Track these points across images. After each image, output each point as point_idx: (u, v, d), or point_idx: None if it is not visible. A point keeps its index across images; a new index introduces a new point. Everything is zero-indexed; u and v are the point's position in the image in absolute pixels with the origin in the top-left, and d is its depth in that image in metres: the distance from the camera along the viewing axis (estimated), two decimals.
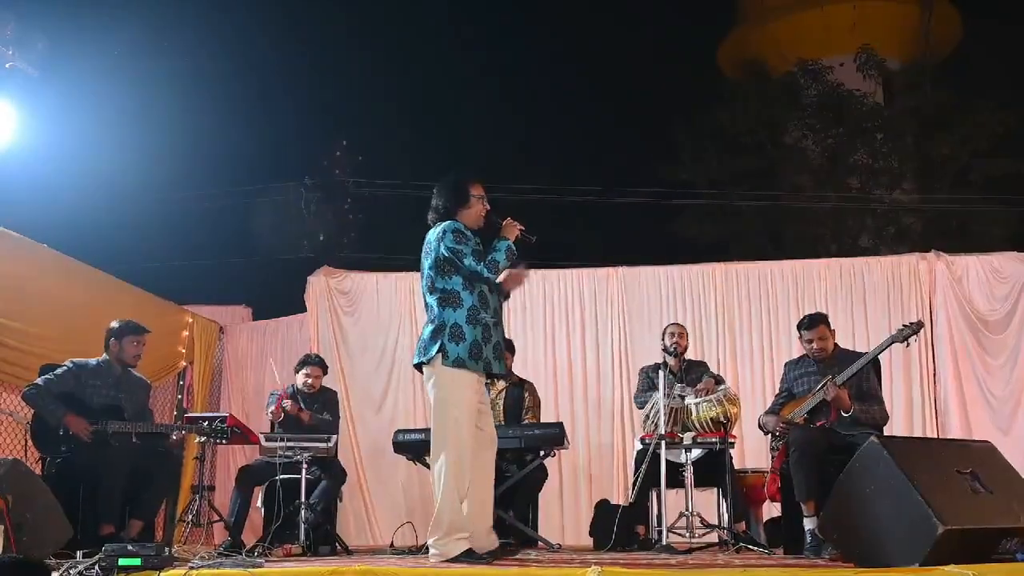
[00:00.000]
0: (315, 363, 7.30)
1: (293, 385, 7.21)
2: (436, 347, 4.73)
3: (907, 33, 25.23)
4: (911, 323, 5.92)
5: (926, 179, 20.17)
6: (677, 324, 7.29)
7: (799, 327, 6.19)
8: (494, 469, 5.00)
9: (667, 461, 6.02)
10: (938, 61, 23.52)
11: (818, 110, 20.38)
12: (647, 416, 6.77)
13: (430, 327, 4.82)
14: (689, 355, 7.24)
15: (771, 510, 6.95)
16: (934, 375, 8.43)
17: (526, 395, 7.28)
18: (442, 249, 4.81)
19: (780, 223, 19.82)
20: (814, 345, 6.02)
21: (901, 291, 8.62)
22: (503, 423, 6.98)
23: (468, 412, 4.75)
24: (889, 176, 20.20)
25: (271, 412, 6.86)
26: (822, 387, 5.78)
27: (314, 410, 7.07)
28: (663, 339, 7.13)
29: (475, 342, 4.73)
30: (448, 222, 4.88)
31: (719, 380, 6.84)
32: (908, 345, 6.00)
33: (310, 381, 7.19)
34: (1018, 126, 18.61)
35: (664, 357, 7.02)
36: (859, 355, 5.91)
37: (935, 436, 8.11)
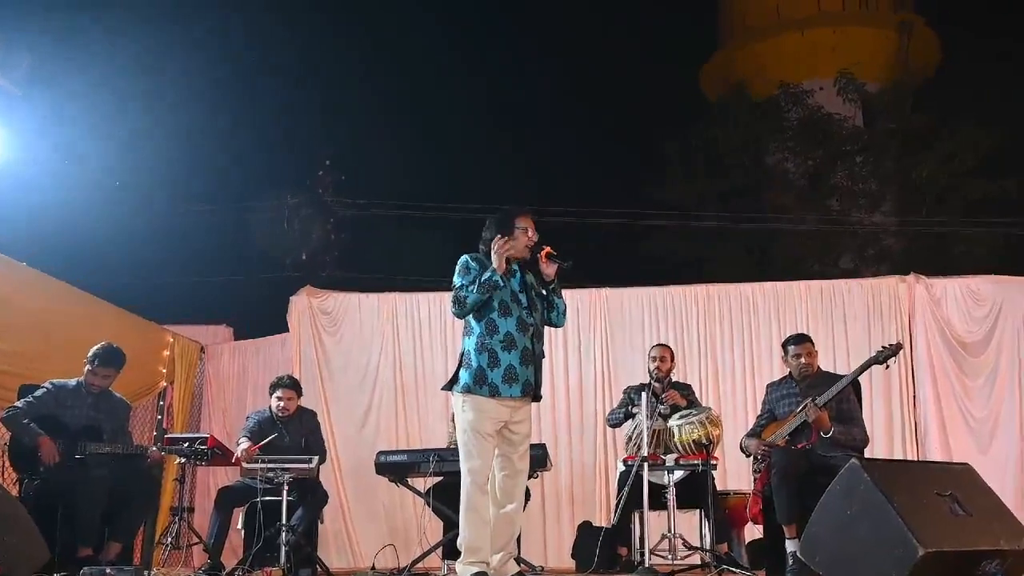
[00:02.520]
0: (287, 385, 7.14)
1: (269, 408, 7.15)
2: (453, 375, 4.98)
3: (887, 57, 25.53)
4: (890, 345, 5.95)
5: (906, 201, 20.31)
6: (661, 346, 7.25)
7: (785, 343, 6.23)
8: (520, 499, 5.03)
9: (650, 483, 6.03)
10: (917, 84, 23.74)
11: (799, 133, 20.53)
12: (629, 438, 6.79)
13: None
14: (673, 376, 7.24)
15: (753, 532, 6.96)
16: (914, 397, 8.48)
17: None
18: None
19: (763, 243, 19.90)
20: (801, 360, 6.06)
21: (881, 313, 8.67)
22: None
23: (478, 436, 4.84)
24: (869, 198, 20.35)
25: (243, 451, 6.73)
26: (803, 409, 5.81)
27: (292, 434, 7.01)
28: (648, 361, 7.14)
29: (479, 368, 4.86)
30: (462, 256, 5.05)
31: (690, 400, 6.83)
32: (887, 367, 6.04)
33: (283, 404, 7.04)
34: (997, 147, 18.79)
35: (649, 379, 7.03)
36: (840, 377, 5.95)
37: (915, 458, 8.15)
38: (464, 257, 5.04)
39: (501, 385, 4.84)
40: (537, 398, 5.04)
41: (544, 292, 5.09)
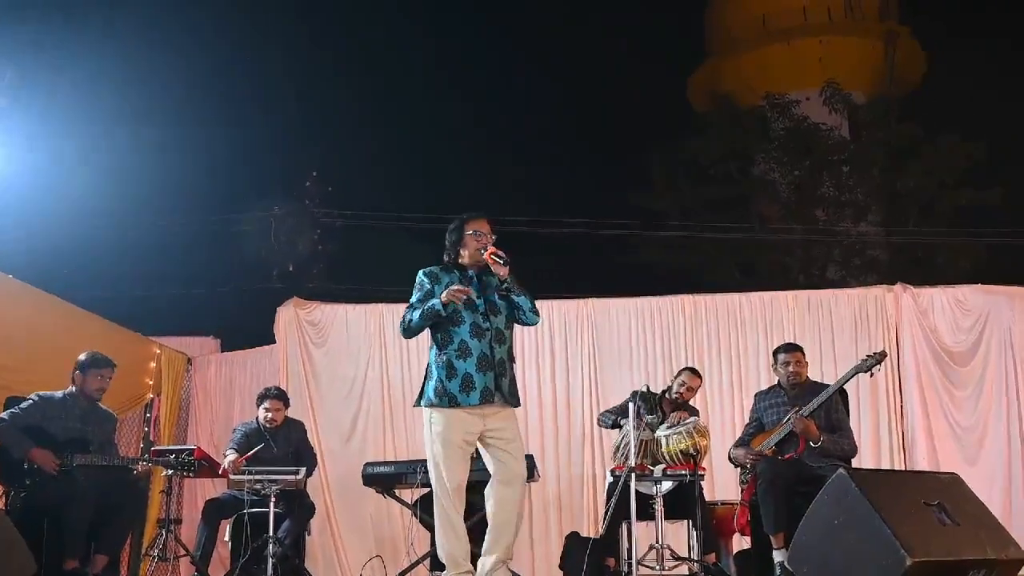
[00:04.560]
0: (275, 396, 7.18)
1: (256, 419, 7.14)
2: (420, 389, 4.99)
3: (872, 68, 25.66)
4: (875, 353, 6.00)
5: (892, 211, 20.42)
6: (691, 371, 7.12)
7: (776, 351, 6.25)
8: (514, 505, 4.93)
9: (637, 493, 6.01)
10: (903, 95, 23.87)
11: (785, 143, 20.61)
12: (617, 448, 6.78)
13: None
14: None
15: (741, 542, 6.96)
16: (901, 407, 8.48)
17: None
18: None
19: (749, 253, 19.96)
20: (790, 368, 6.08)
21: (868, 323, 8.68)
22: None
23: (447, 447, 4.83)
24: (855, 208, 20.43)
25: (230, 463, 6.72)
26: (789, 419, 5.83)
27: (279, 445, 6.99)
28: (673, 381, 7.10)
29: (439, 379, 4.88)
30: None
31: (692, 411, 6.85)
32: (872, 375, 6.08)
33: (270, 415, 7.06)
34: (981, 158, 18.92)
35: (664, 394, 7.01)
36: (828, 387, 5.98)
37: (902, 467, 8.16)
38: (420, 273, 5.05)
39: (459, 394, 4.82)
40: (509, 403, 4.95)
41: (504, 293, 5.01)
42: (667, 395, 7.00)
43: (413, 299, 4.99)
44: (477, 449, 4.96)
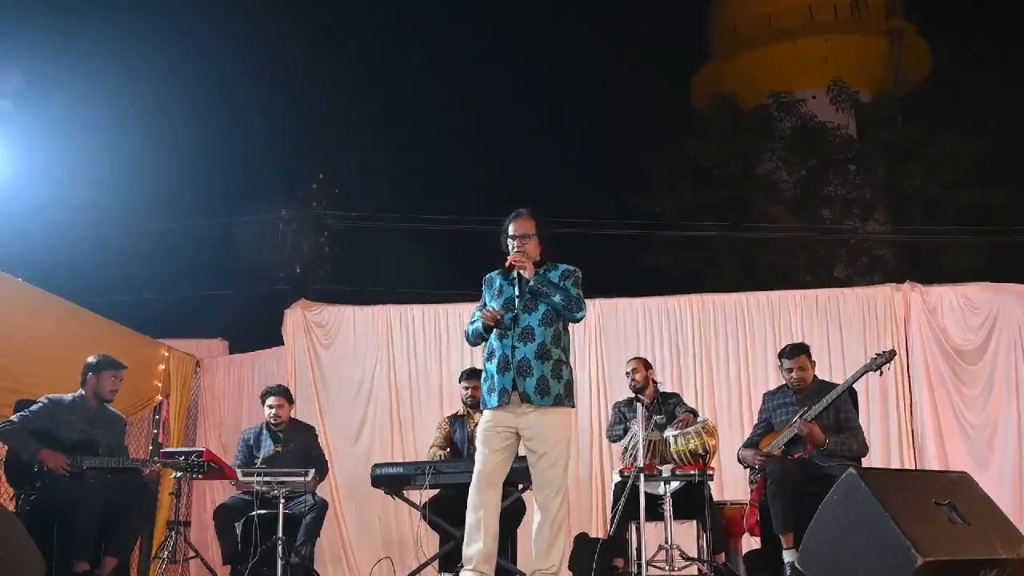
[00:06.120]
0: (277, 392, 7.20)
1: (265, 422, 7.15)
2: None
3: (877, 66, 25.59)
4: (884, 352, 5.99)
5: (897, 210, 20.37)
6: (635, 359, 7.24)
7: (780, 355, 6.24)
8: (548, 512, 4.98)
9: (646, 494, 6.00)
10: (908, 93, 23.81)
11: (791, 142, 20.56)
12: (625, 449, 6.78)
13: None
14: (665, 387, 7.23)
15: (751, 542, 6.94)
16: (911, 406, 8.45)
17: None
18: None
19: (753, 254, 19.91)
20: (793, 374, 6.08)
21: (877, 322, 8.65)
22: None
23: (479, 442, 4.97)
24: (862, 207, 20.38)
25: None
26: (794, 423, 5.83)
27: (290, 448, 7.00)
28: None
29: (482, 382, 5.08)
30: None
31: (694, 413, 6.85)
32: (882, 373, 6.08)
33: (275, 411, 7.10)
34: (985, 157, 18.89)
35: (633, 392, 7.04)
36: (836, 387, 5.96)
37: (912, 466, 8.14)
38: (486, 276, 5.16)
39: (487, 396, 4.95)
40: (534, 402, 4.83)
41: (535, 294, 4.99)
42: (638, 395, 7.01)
43: (475, 309, 5.12)
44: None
